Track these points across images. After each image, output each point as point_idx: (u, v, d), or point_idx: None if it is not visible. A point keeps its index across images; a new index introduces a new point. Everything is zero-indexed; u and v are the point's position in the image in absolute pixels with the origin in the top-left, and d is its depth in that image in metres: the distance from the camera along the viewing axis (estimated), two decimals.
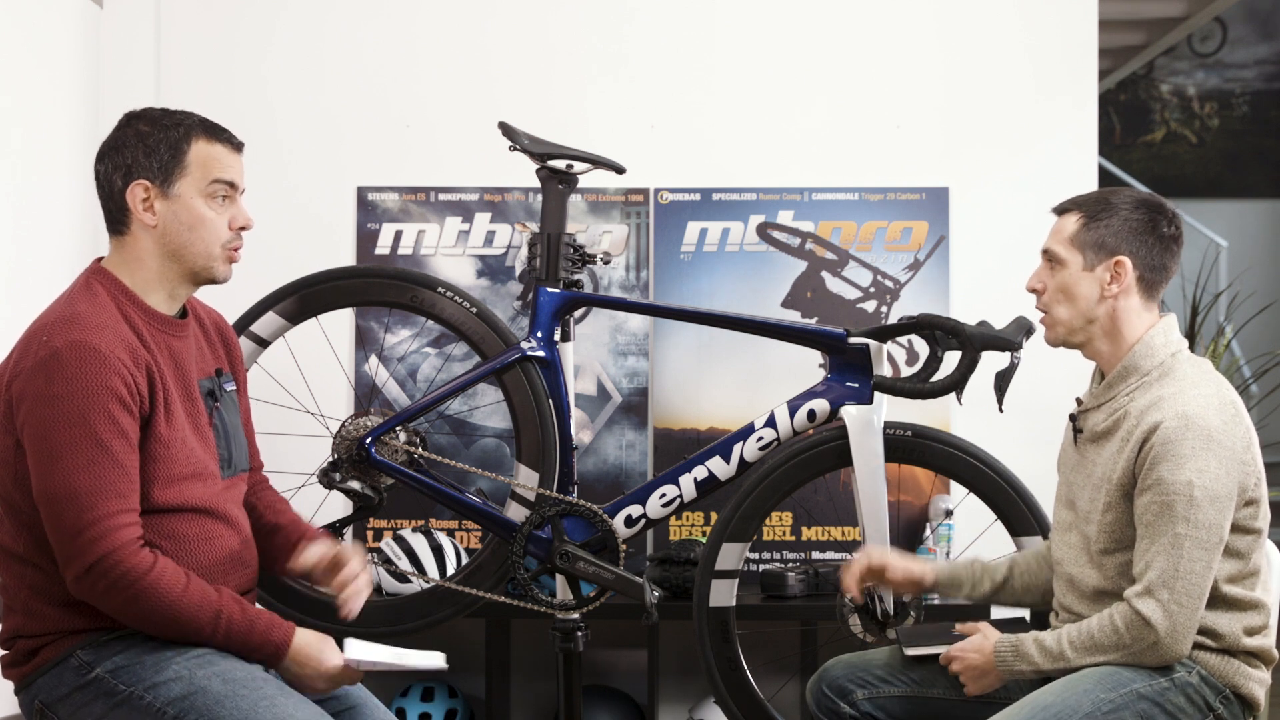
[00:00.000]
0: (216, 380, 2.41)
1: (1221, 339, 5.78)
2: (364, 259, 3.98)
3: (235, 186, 2.32)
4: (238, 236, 2.33)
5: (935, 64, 4.04)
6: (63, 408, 2.14)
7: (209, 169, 2.29)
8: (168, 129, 2.28)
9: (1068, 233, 2.50)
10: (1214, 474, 2.31)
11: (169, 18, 4.04)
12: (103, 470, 2.14)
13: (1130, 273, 2.46)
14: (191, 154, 2.28)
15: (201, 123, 2.32)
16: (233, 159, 2.32)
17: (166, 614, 2.17)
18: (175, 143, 2.28)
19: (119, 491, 2.16)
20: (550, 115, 3.92)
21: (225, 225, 2.31)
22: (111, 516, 2.14)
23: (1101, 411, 2.50)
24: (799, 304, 3.96)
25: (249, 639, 2.23)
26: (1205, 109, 8.82)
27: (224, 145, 2.31)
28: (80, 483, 2.13)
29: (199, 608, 2.19)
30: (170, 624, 2.18)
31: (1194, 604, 2.31)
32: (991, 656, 2.44)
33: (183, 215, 2.28)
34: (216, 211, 2.29)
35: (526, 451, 3.05)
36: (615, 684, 3.96)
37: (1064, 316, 2.51)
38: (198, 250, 2.29)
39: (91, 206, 3.88)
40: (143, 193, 2.27)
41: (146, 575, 2.15)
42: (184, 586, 2.18)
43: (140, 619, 2.18)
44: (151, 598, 2.15)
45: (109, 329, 2.21)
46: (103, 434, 2.15)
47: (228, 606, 2.22)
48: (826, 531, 3.92)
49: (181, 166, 2.27)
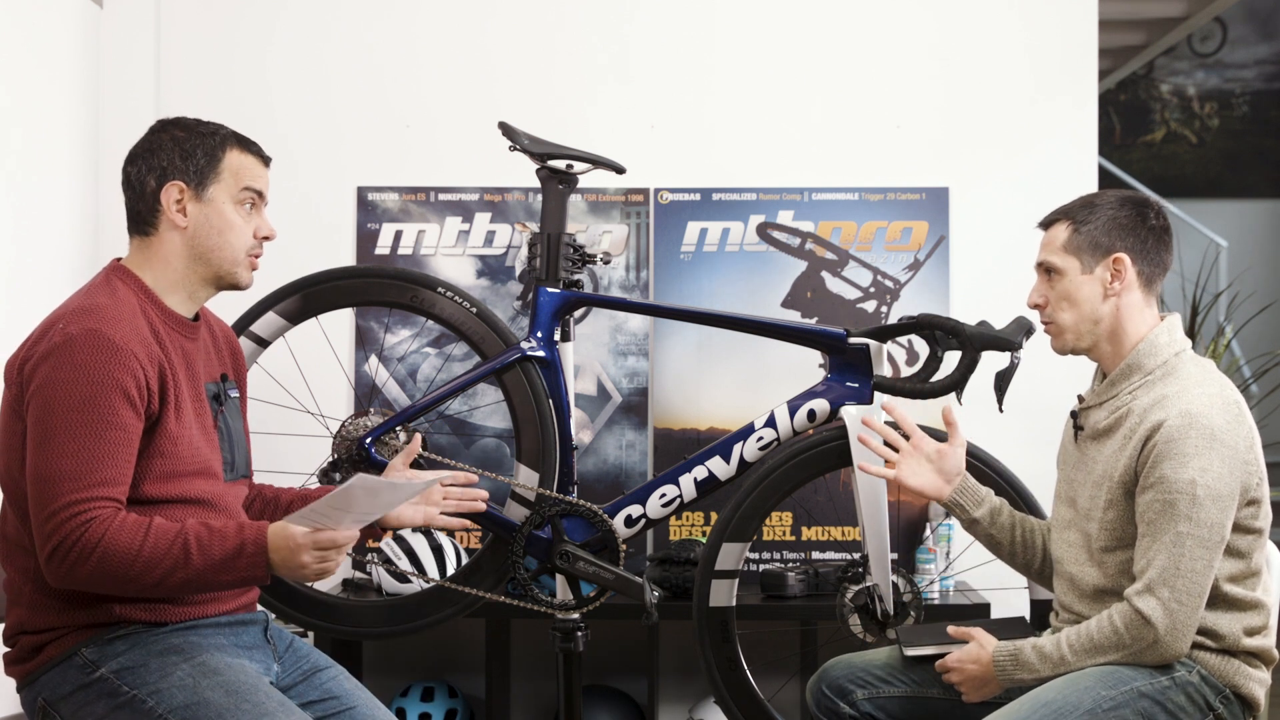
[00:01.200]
0: (222, 385, 2.44)
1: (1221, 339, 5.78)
2: (364, 259, 3.98)
3: (263, 196, 2.40)
4: (260, 245, 2.40)
5: (935, 64, 4.04)
6: (67, 392, 2.15)
7: (241, 177, 2.36)
8: (204, 136, 2.36)
9: (1059, 241, 2.50)
10: (1217, 473, 2.31)
11: (169, 18, 4.04)
12: (90, 458, 2.14)
13: (1130, 268, 2.46)
14: (226, 161, 2.35)
15: (235, 134, 2.40)
16: (262, 170, 2.41)
17: (135, 565, 2.12)
18: (212, 149, 2.35)
19: (102, 479, 2.14)
20: (550, 115, 3.92)
21: (251, 233, 2.38)
22: (83, 503, 2.12)
23: (1103, 409, 2.50)
24: (799, 304, 3.96)
25: (225, 549, 2.15)
26: (1205, 109, 8.83)
27: (255, 157, 2.40)
28: (64, 466, 2.13)
29: (165, 542, 2.13)
30: (145, 570, 2.12)
31: (1194, 602, 2.31)
32: (990, 666, 2.44)
33: (214, 219, 2.34)
34: (244, 219, 2.37)
35: (526, 451, 3.04)
36: (615, 684, 3.96)
37: (1070, 322, 2.50)
38: (224, 254, 2.35)
39: (92, 206, 3.89)
40: (177, 194, 2.33)
41: (102, 539, 2.11)
42: (144, 532, 2.13)
43: (115, 581, 2.14)
44: (113, 556, 2.11)
45: (126, 322, 2.23)
46: (100, 423, 2.15)
47: (194, 529, 2.16)
48: (826, 531, 3.92)
49: (216, 172, 2.34)
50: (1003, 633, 2.61)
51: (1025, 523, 2.69)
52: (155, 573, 2.14)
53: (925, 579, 3.70)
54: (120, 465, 2.17)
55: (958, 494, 2.67)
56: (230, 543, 2.16)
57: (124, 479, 2.18)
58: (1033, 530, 2.68)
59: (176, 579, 2.15)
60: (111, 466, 2.16)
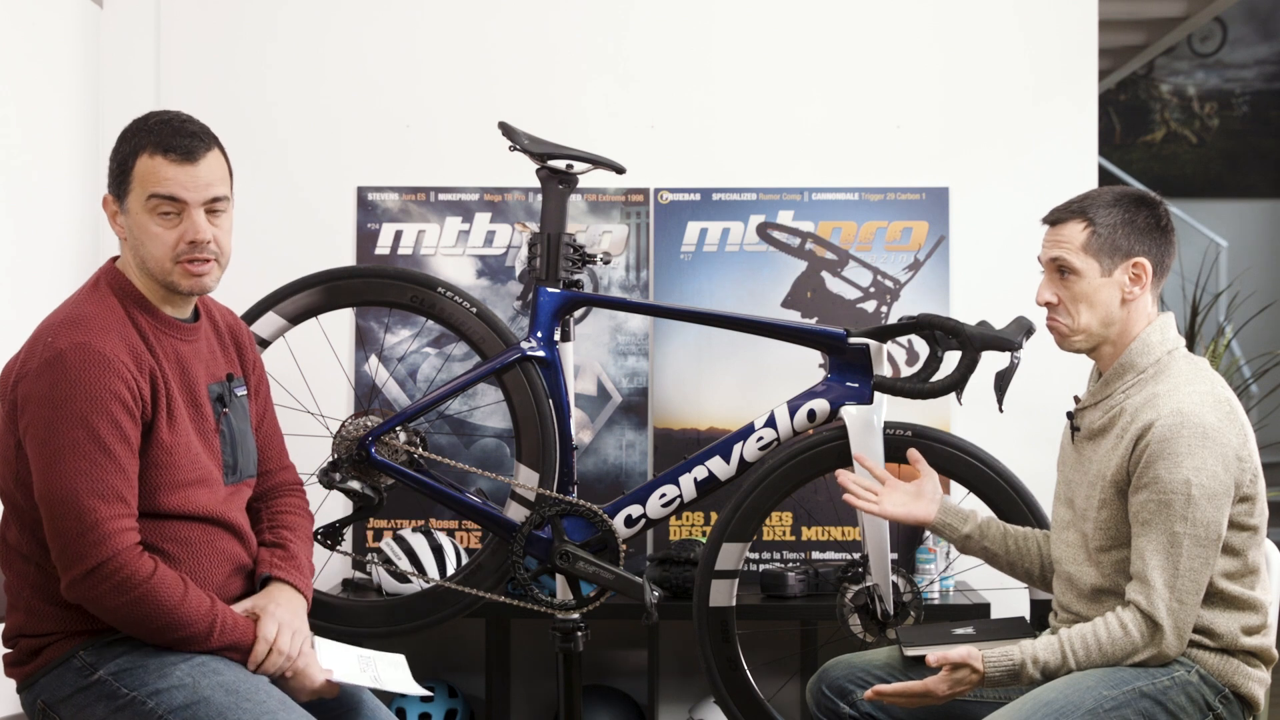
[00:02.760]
0: (227, 385, 2.40)
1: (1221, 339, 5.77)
2: (364, 259, 3.98)
3: (177, 200, 2.23)
4: (194, 248, 2.25)
5: (935, 64, 4.04)
6: (65, 410, 2.14)
7: (146, 184, 2.24)
8: (125, 143, 2.28)
9: (1078, 241, 2.46)
10: (1211, 471, 2.31)
11: (169, 18, 4.04)
12: (104, 473, 2.15)
13: (1149, 272, 2.46)
14: (136, 170, 2.25)
15: (155, 134, 2.25)
16: (176, 171, 2.22)
17: (165, 619, 2.17)
18: (124, 159, 2.26)
19: (119, 495, 2.16)
20: (550, 115, 3.92)
21: (175, 239, 2.24)
22: (113, 520, 2.14)
23: (1098, 409, 2.50)
24: (799, 304, 3.96)
25: (242, 645, 2.24)
26: (1205, 109, 8.82)
27: (168, 158, 2.22)
28: (81, 485, 2.13)
29: (196, 613, 2.19)
30: (168, 628, 2.18)
31: (1193, 601, 2.32)
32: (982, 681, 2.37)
33: (134, 229, 2.27)
34: (162, 225, 2.24)
35: (526, 451, 3.04)
36: (615, 684, 3.96)
37: (1086, 324, 2.47)
38: (152, 265, 2.27)
39: (92, 207, 3.89)
40: (110, 207, 2.30)
41: (149, 580, 2.15)
42: (183, 593, 2.18)
43: (137, 623, 2.17)
44: (151, 602, 2.15)
45: (113, 331, 2.21)
46: (105, 437, 2.15)
47: (223, 614, 2.23)
48: (826, 531, 3.92)
49: (128, 182, 2.26)
50: (1001, 633, 2.61)
51: (1015, 531, 2.70)
52: (175, 633, 2.19)
53: (925, 579, 3.70)
54: (130, 478, 2.19)
55: (943, 514, 2.72)
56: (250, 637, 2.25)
57: (135, 492, 2.20)
58: (1024, 537, 2.68)
59: (187, 645, 2.21)
60: (124, 480, 2.17)
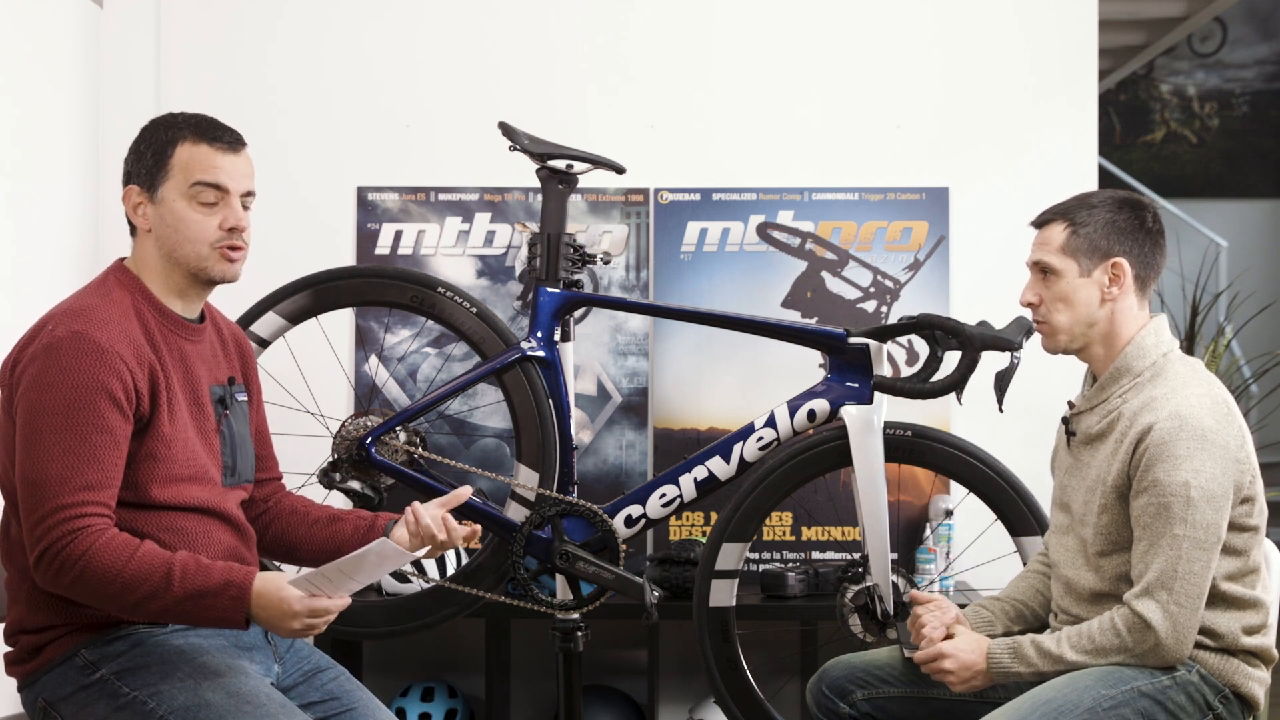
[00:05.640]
0: (228, 389, 2.41)
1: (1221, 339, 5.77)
2: (364, 259, 3.98)
3: (221, 188, 2.29)
4: (231, 235, 2.30)
5: (935, 64, 4.04)
6: (52, 395, 2.15)
7: (191, 171, 2.28)
8: (157, 133, 2.31)
9: (1057, 242, 2.48)
10: (1210, 474, 2.32)
11: (169, 18, 4.04)
12: (75, 461, 2.13)
13: (1128, 273, 2.46)
14: (176, 157, 2.29)
15: (195, 124, 2.31)
16: (222, 159, 2.30)
17: (115, 584, 2.10)
18: (161, 147, 2.30)
19: (88, 483, 2.14)
20: (550, 115, 3.92)
21: (215, 224, 2.29)
22: (71, 507, 2.12)
23: (1095, 414, 2.50)
24: (799, 304, 3.96)
25: (208, 584, 2.12)
26: (1205, 109, 8.82)
27: (213, 146, 2.30)
28: (51, 470, 2.13)
29: (147, 567, 2.11)
30: (123, 592, 2.11)
31: (1194, 604, 2.32)
32: (985, 657, 2.41)
33: (168, 218, 2.29)
34: (202, 212, 2.28)
35: (526, 451, 3.05)
36: (615, 684, 3.96)
37: (1065, 324, 2.49)
38: (187, 251, 2.29)
39: (92, 206, 3.90)
40: (135, 198, 2.31)
41: (87, 552, 2.10)
42: (130, 554, 2.11)
43: (96, 598, 2.13)
44: (94, 573, 2.10)
45: (115, 324, 2.22)
46: (85, 427, 2.15)
47: (181, 560, 2.14)
48: (826, 531, 3.92)
49: (165, 170, 2.29)
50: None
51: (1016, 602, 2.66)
52: (133, 595, 2.12)
53: (925, 579, 3.70)
54: (107, 469, 2.16)
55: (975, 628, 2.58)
56: (215, 579, 2.12)
57: (111, 483, 2.17)
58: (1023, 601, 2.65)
59: (155, 605, 2.13)
60: (97, 470, 2.15)
